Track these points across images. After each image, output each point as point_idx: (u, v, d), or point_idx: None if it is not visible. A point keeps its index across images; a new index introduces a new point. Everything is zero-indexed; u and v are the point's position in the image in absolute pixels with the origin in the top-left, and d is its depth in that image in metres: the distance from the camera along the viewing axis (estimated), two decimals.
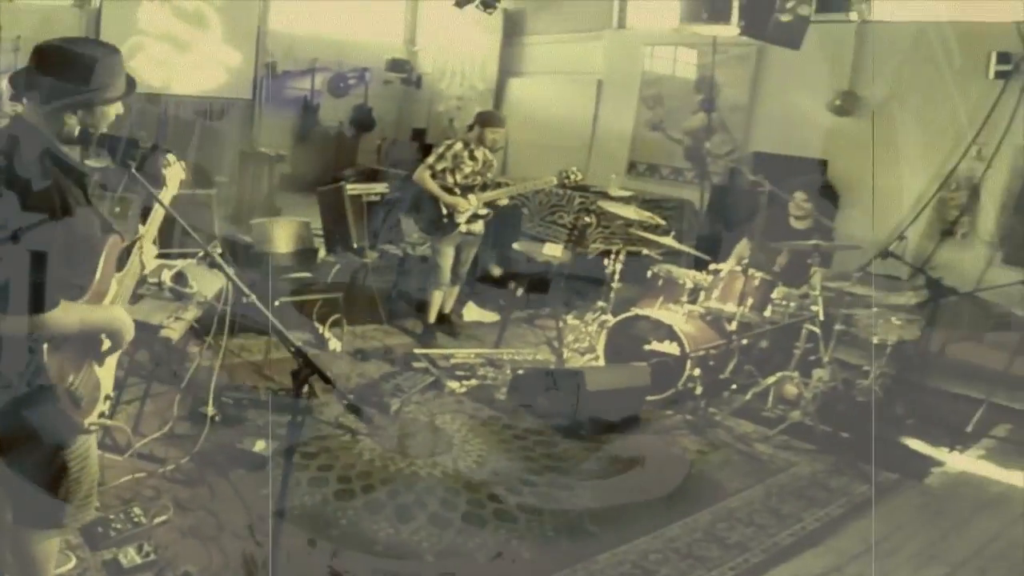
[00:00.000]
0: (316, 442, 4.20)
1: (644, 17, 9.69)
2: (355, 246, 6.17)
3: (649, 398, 5.05)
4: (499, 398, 5.11)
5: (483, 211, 5.91)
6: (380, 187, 6.62)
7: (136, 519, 3.27)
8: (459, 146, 5.79)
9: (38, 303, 2.00)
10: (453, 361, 5.50)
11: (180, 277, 4.04)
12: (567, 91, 10.06)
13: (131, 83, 2.32)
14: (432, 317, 6.09)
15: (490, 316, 6.68)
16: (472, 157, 5.80)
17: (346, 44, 10.62)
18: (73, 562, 3.01)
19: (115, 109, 2.28)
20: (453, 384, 5.20)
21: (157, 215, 2.67)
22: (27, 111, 2.17)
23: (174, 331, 3.71)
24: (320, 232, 6.43)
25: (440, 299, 6.08)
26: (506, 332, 6.25)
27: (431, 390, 5.09)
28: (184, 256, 4.48)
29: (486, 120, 5.86)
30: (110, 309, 2.29)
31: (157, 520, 3.32)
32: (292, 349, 2.29)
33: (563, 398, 4.77)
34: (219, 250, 3.04)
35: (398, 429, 4.50)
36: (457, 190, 5.77)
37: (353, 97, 10.67)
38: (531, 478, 4.11)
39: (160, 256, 3.77)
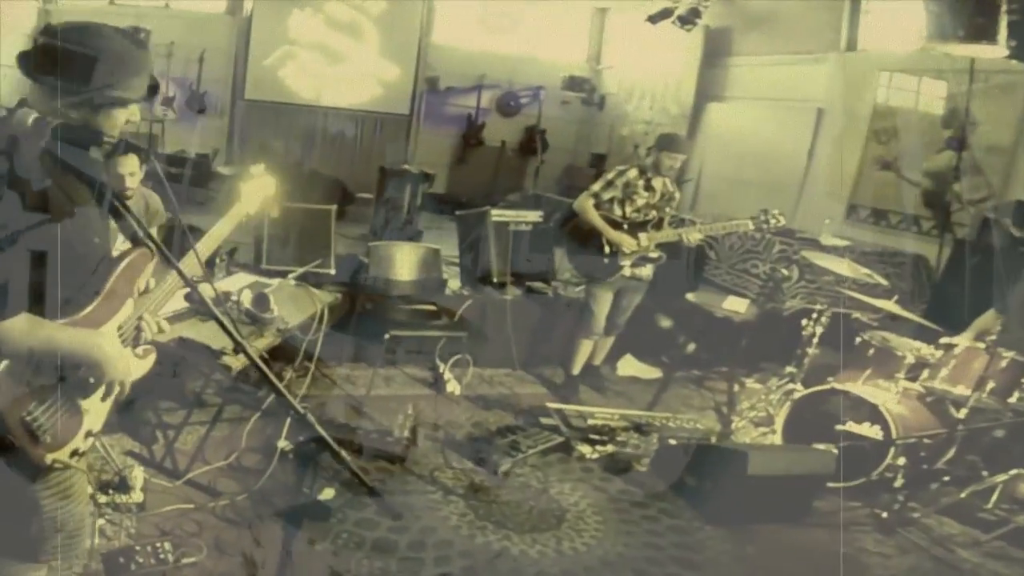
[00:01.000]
0: None
1: (880, 38, 8.91)
2: (495, 280, 5.93)
3: (832, 484, 4.39)
4: (639, 470, 4.61)
5: (654, 253, 5.48)
6: (533, 215, 6.39)
7: (163, 555, 3.19)
8: (633, 173, 5.43)
9: None
10: (591, 421, 5.07)
11: (261, 299, 4.00)
12: (777, 120, 9.44)
13: (153, 88, 2.21)
14: (577, 368, 5.73)
15: (650, 372, 6.20)
16: (648, 187, 5.42)
17: (519, 60, 10.71)
18: None
19: (126, 114, 2.17)
20: (584, 448, 4.79)
21: (213, 234, 2.65)
22: (32, 98, 2.06)
23: (234, 360, 3.59)
24: (457, 261, 6.28)
25: (589, 349, 5.72)
26: (666, 392, 5.78)
27: (556, 452, 4.68)
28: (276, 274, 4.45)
29: (665, 143, 5.45)
30: (92, 335, 2.11)
31: (186, 560, 3.22)
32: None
33: (718, 479, 4.19)
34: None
35: (500, 495, 4.12)
36: (625, 225, 5.39)
37: (525, 117, 10.66)
38: (649, 570, 3.61)
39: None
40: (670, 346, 6.43)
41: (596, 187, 5.45)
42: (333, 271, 5.45)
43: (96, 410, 2.24)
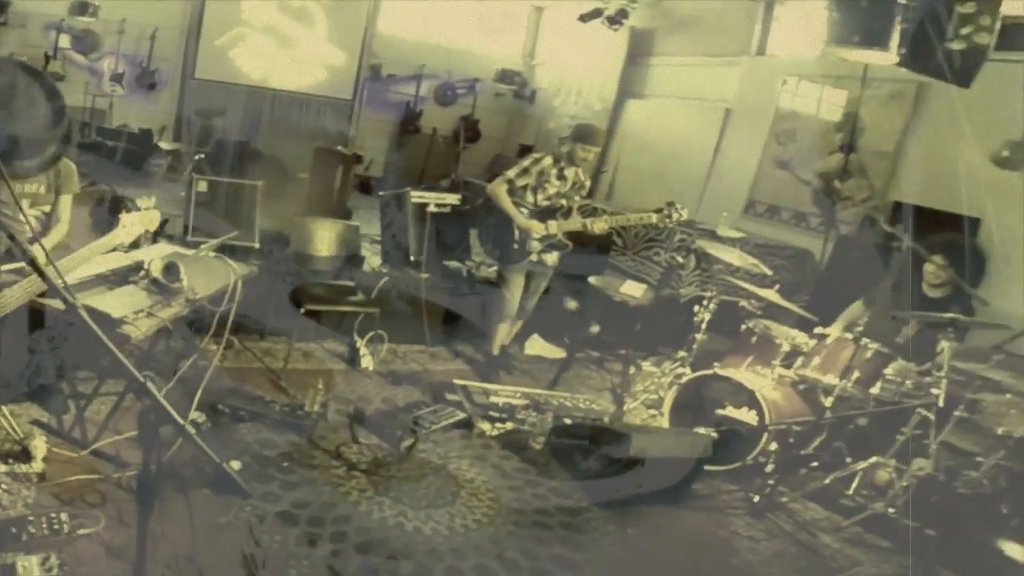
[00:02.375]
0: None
1: (788, 44, 8.95)
2: (412, 259, 5.79)
3: (709, 467, 4.40)
4: (534, 447, 4.55)
5: (561, 240, 5.35)
6: (451, 198, 6.24)
7: (57, 526, 3.00)
8: (548, 162, 5.26)
9: None
10: (493, 399, 4.97)
11: (171, 269, 3.71)
12: (689, 118, 9.45)
13: None
14: (496, 349, 5.62)
15: (555, 352, 6.13)
16: (560, 176, 5.28)
17: (458, 52, 10.53)
18: None
19: None
20: (485, 426, 4.71)
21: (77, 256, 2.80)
22: None
23: (136, 329, 3.35)
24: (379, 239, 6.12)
25: (505, 332, 5.61)
26: (568, 372, 5.71)
27: (459, 429, 4.58)
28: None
29: (580, 135, 5.26)
30: None
31: (82, 531, 3.02)
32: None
33: (603, 460, 4.17)
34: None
35: (401, 470, 4.01)
36: (534, 211, 5.26)
37: (460, 107, 10.48)
38: (535, 549, 3.56)
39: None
40: (575, 327, 6.39)
41: (511, 173, 5.27)
42: (257, 244, 5.24)
43: None
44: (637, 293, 5.91)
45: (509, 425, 4.77)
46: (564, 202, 5.35)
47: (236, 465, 3.65)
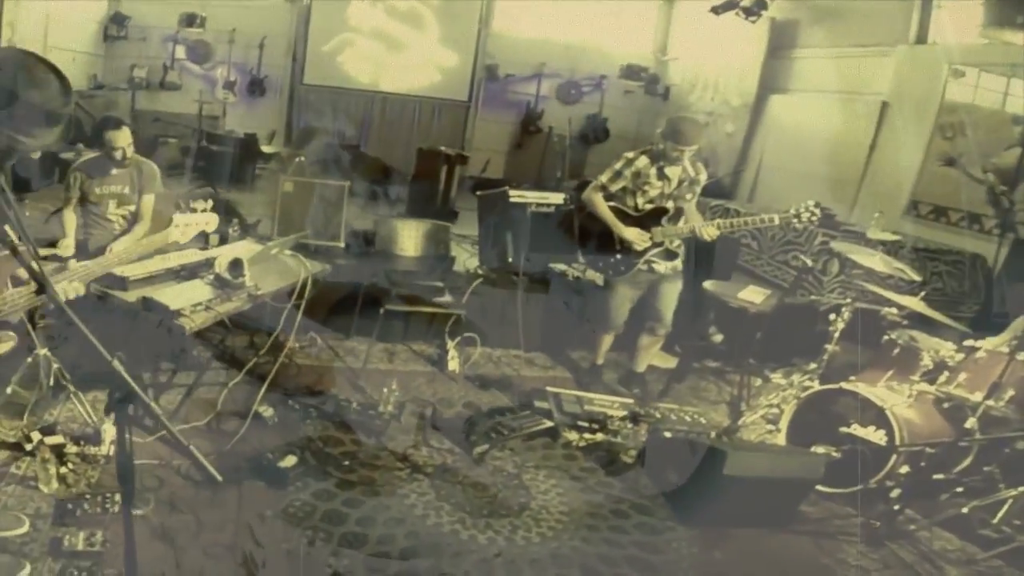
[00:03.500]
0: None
1: (953, 31, 8.21)
2: (510, 260, 5.73)
3: (824, 489, 4.08)
4: (625, 461, 4.35)
5: (676, 245, 5.07)
6: (555, 197, 6.13)
7: (108, 505, 3.23)
8: (643, 162, 4.93)
9: None
10: (588, 408, 4.80)
11: (235, 265, 3.96)
12: (840, 113, 8.86)
13: None
14: (600, 358, 5.43)
15: (668, 361, 5.87)
16: (662, 176, 4.93)
17: (580, 49, 10.45)
18: (24, 528, 3.08)
19: None
20: (571, 435, 4.55)
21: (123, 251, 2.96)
22: None
23: (191, 321, 3.61)
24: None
25: (610, 342, 5.37)
26: (682, 383, 5.45)
27: (543, 438, 4.46)
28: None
29: (670, 132, 4.81)
30: None
31: (132, 512, 3.11)
32: None
33: (695, 477, 3.90)
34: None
35: (468, 477, 3.96)
36: (637, 216, 4.99)
37: (586, 105, 10.39)
38: (598, 567, 3.40)
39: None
40: (693, 335, 6.08)
41: (604, 178, 5.00)
42: (342, 244, 5.37)
43: None
44: (757, 300, 5.53)
45: (599, 436, 4.60)
46: (671, 204, 5.03)
47: (291, 461, 3.70)
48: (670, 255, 5.06)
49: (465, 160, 7.81)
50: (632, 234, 4.92)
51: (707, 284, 5.85)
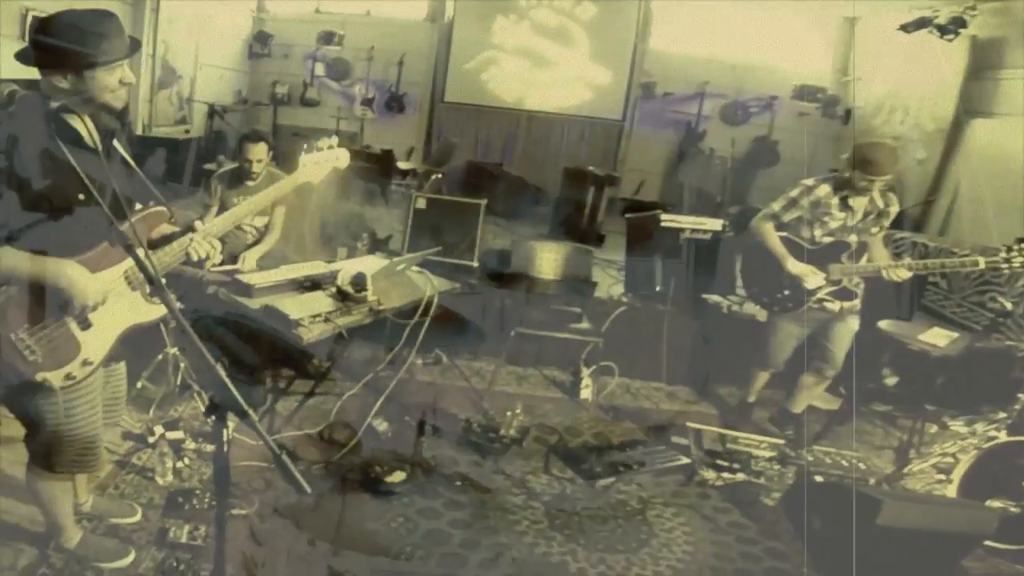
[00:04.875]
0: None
1: None
2: (657, 288, 5.59)
3: (995, 544, 3.77)
4: (764, 503, 4.11)
5: (855, 284, 4.71)
6: (712, 223, 5.94)
7: (215, 502, 3.32)
8: (824, 190, 4.59)
9: None
10: (731, 446, 4.59)
11: (358, 279, 4.13)
12: None
13: (134, 45, 2.47)
14: (752, 396, 5.18)
15: (831, 403, 5.51)
16: (845, 207, 4.58)
17: (747, 69, 10.13)
18: (137, 517, 3.33)
19: (115, 75, 2.40)
20: (708, 474, 4.36)
21: (226, 217, 2.94)
22: (43, 85, 2.39)
23: (309, 331, 3.78)
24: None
25: (766, 379, 5.11)
26: (843, 426, 5.12)
27: (675, 475, 4.29)
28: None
29: (861, 160, 4.43)
30: (62, 264, 2.42)
31: (235, 511, 3.39)
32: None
33: (842, 525, 3.62)
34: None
35: (587, 508, 3.89)
36: (814, 250, 4.65)
37: (753, 127, 10.06)
38: None
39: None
40: (862, 376, 5.68)
41: (776, 206, 4.70)
42: (475, 263, 5.44)
43: (92, 341, 2.53)
44: (941, 343, 5.10)
45: (739, 476, 4.36)
46: (855, 238, 4.69)
47: (399, 476, 3.79)
48: (846, 294, 4.69)
49: (615, 181, 7.75)
50: (804, 270, 4.61)
51: (884, 324, 5.45)
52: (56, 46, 2.29)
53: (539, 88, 10.09)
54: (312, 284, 4.26)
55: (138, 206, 2.66)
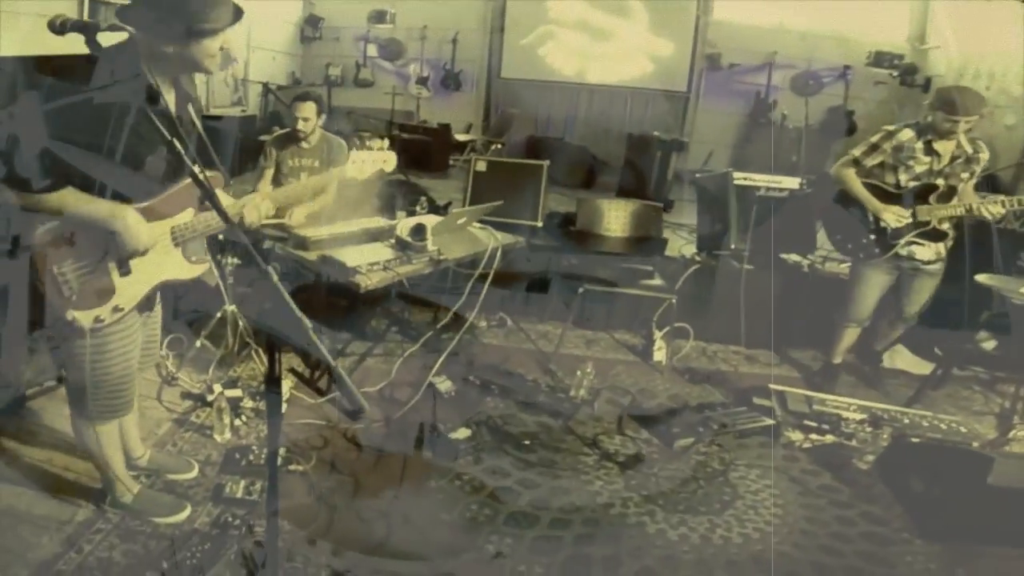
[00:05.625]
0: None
1: None
2: (732, 247, 5.24)
3: None
4: (857, 466, 3.75)
5: (945, 227, 4.40)
6: (789, 181, 5.56)
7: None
8: (907, 135, 4.36)
9: (24, 183, 2.21)
10: (816, 407, 4.23)
11: (418, 230, 3.97)
12: None
13: (238, 12, 2.42)
14: (837, 356, 4.83)
15: (923, 367, 5.09)
16: (930, 151, 4.30)
17: (820, 37, 9.63)
18: (194, 473, 3.21)
19: (217, 41, 2.39)
20: (795, 435, 4.02)
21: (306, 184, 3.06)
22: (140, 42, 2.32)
23: (367, 279, 3.63)
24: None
25: (853, 337, 4.78)
26: (938, 391, 4.74)
27: (758, 436, 3.96)
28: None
29: (942, 102, 4.19)
30: (121, 208, 2.36)
31: (292, 467, 3.25)
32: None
33: (949, 487, 3.26)
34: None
35: (664, 469, 3.59)
36: (898, 194, 4.39)
37: (826, 97, 9.58)
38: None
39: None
40: (958, 337, 5.24)
41: (856, 152, 4.48)
42: (540, 223, 5.18)
43: (128, 288, 2.49)
44: None
45: (829, 438, 4.02)
46: (942, 181, 4.35)
47: (464, 433, 3.56)
48: (937, 236, 4.38)
49: (683, 146, 7.38)
50: (890, 212, 4.33)
51: (982, 277, 5.00)
52: (169, 8, 2.25)
53: (599, 61, 9.79)
54: (370, 238, 4.09)
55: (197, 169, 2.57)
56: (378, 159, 3.11)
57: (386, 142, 3.16)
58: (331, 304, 4.32)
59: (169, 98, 2.40)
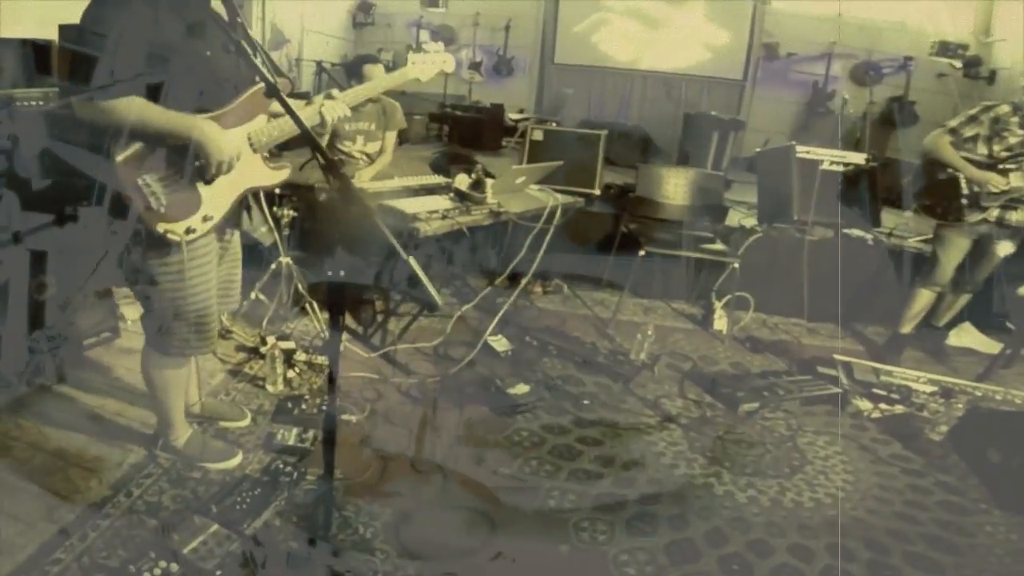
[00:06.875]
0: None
1: None
2: (795, 218, 4.98)
3: None
4: (932, 438, 3.49)
5: None
6: (855, 156, 5.30)
7: (324, 406, 3.10)
8: (1005, 109, 4.28)
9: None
10: (884, 378, 3.97)
11: (479, 184, 3.87)
12: None
13: None
14: (907, 325, 4.60)
15: (991, 346, 4.80)
16: None
17: (880, 28, 9.29)
18: (246, 421, 3.10)
19: None
20: (864, 404, 3.77)
21: (355, 91, 2.80)
22: None
23: (427, 226, 3.50)
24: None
25: (927, 303, 4.60)
26: (1009, 369, 4.46)
27: (825, 405, 3.71)
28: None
29: None
30: (196, 119, 2.26)
31: (344, 416, 3.12)
32: None
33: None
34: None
35: (730, 432, 3.38)
36: (990, 163, 4.27)
37: (886, 87, 9.22)
38: (886, 541, 2.71)
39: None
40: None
41: (954, 122, 4.34)
42: (597, 191, 4.97)
43: (214, 196, 2.38)
44: None
45: (899, 409, 3.76)
46: None
47: (522, 389, 3.39)
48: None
49: (740, 125, 7.10)
50: (989, 176, 4.20)
51: None
52: None
53: (653, 48, 9.59)
54: (428, 192, 3.97)
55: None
56: (438, 60, 3.02)
57: (441, 44, 3.06)
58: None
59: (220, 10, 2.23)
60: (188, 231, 2.30)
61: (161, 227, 2.26)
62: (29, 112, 3.06)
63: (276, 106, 2.45)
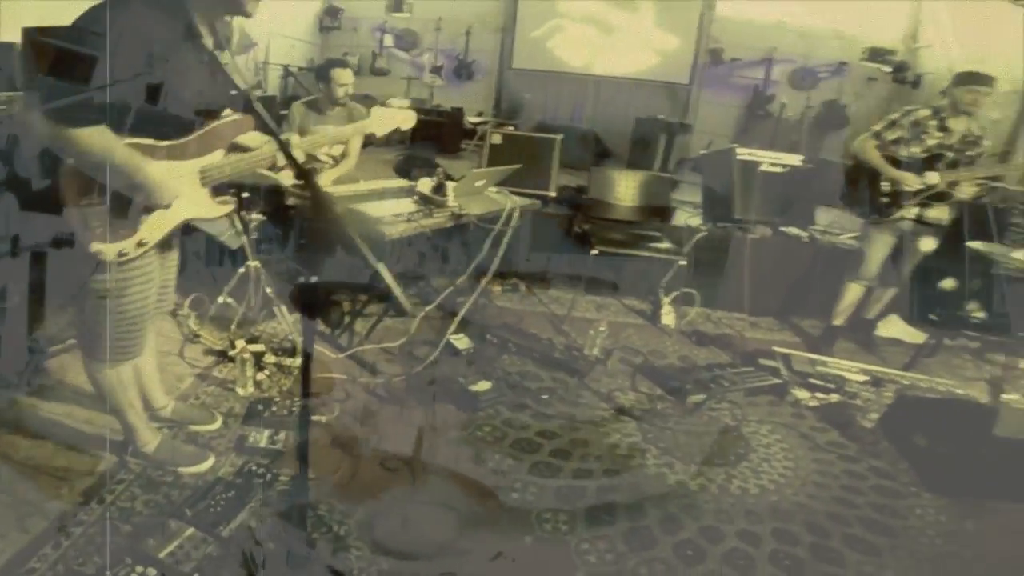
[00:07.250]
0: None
1: None
2: (736, 217, 5.07)
3: None
4: (862, 424, 3.59)
5: (949, 192, 4.39)
6: (790, 158, 5.42)
7: (296, 409, 3.11)
8: (924, 112, 4.42)
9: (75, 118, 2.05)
10: (820, 368, 4.07)
11: (440, 188, 3.88)
12: None
13: None
14: (840, 318, 4.72)
15: (916, 336, 4.94)
16: (943, 128, 4.35)
17: (818, 36, 9.50)
18: (217, 424, 3.04)
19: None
20: (802, 394, 3.87)
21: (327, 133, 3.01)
22: None
23: (393, 228, 3.47)
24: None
25: (857, 296, 4.74)
26: (932, 359, 4.58)
27: (767, 395, 3.80)
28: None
29: (964, 78, 4.30)
30: (144, 161, 2.20)
31: (314, 417, 3.07)
32: None
33: (955, 441, 3.10)
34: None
35: (679, 423, 3.46)
36: (910, 164, 4.46)
37: (821, 92, 9.43)
38: (827, 525, 2.79)
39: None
40: (949, 308, 5.09)
41: (878, 127, 4.52)
42: (553, 193, 5.01)
43: (150, 225, 2.33)
44: None
45: (834, 398, 3.88)
46: (950, 155, 4.34)
47: (484, 386, 3.40)
48: (944, 196, 4.38)
49: (688, 128, 7.22)
50: (904, 175, 4.37)
51: (975, 244, 4.86)
52: None
53: (606, 54, 9.62)
54: (391, 196, 3.94)
55: (227, 111, 2.44)
56: (398, 116, 3.01)
57: (407, 101, 3.06)
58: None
59: (207, 43, 2.24)
60: (120, 254, 2.27)
61: (94, 247, 2.22)
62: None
63: (241, 138, 2.48)
